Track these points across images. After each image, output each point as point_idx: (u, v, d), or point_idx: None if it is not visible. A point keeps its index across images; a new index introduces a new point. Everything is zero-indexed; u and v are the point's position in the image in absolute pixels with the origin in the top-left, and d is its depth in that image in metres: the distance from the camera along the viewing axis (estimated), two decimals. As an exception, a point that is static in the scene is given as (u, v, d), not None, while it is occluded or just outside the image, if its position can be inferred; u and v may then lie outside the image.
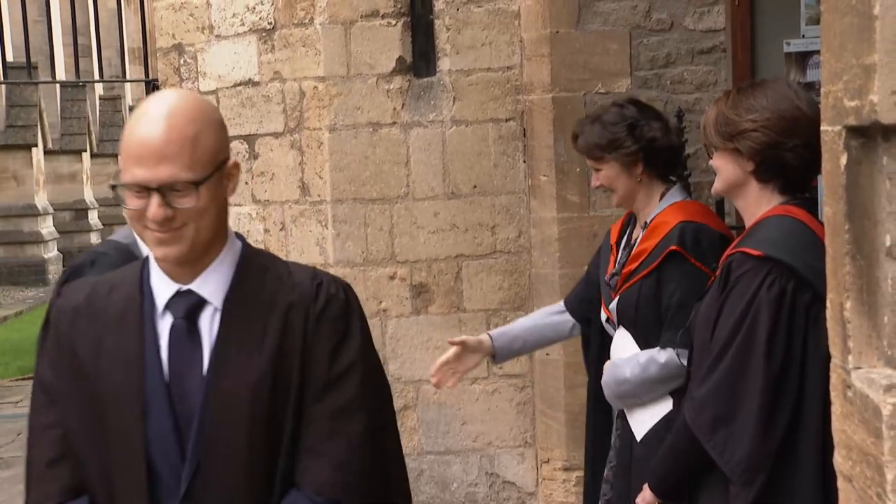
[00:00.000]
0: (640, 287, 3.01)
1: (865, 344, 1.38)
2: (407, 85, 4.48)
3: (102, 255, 2.52)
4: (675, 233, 2.97)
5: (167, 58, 5.01)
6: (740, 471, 2.24)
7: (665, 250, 2.96)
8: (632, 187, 3.10)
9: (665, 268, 2.97)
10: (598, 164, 3.12)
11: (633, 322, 3.05)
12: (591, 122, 3.14)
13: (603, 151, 3.08)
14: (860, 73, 1.31)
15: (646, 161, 3.07)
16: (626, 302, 3.05)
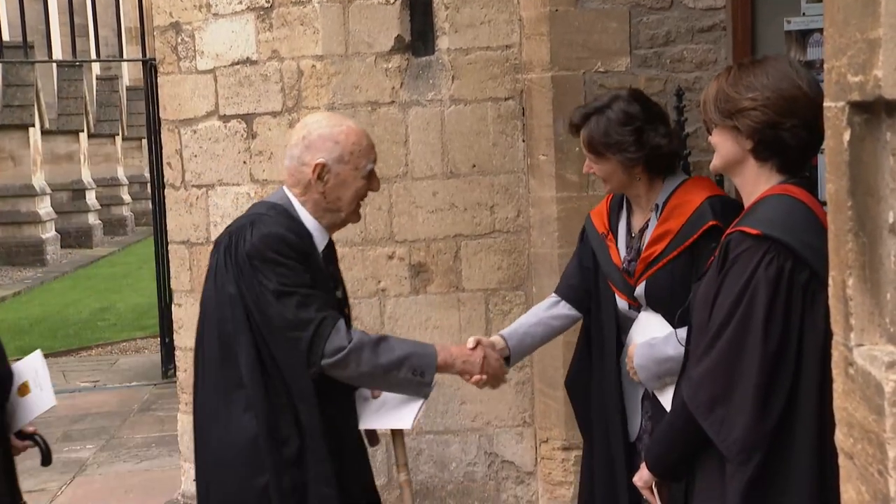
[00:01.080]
0: (673, 268, 3.00)
1: (868, 321, 1.38)
2: (405, 64, 4.46)
3: (262, 216, 2.88)
4: (707, 208, 2.95)
5: (164, 36, 4.99)
6: (737, 450, 2.24)
7: (700, 227, 2.95)
8: (627, 183, 3.09)
9: (701, 244, 2.95)
10: (595, 158, 3.09)
11: (666, 303, 3.02)
12: (595, 115, 3.06)
13: (605, 150, 3.05)
14: (864, 48, 1.30)
15: (646, 165, 3.05)
16: (658, 285, 3.02)
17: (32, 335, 11.75)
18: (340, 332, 2.78)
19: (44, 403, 3.09)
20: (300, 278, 2.78)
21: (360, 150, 2.91)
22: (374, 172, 2.94)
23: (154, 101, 6.77)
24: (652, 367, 3.02)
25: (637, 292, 3.09)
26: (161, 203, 6.66)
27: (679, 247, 2.99)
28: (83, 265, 19.48)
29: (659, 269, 3.03)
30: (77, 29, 8.10)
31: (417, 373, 2.86)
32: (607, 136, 3.02)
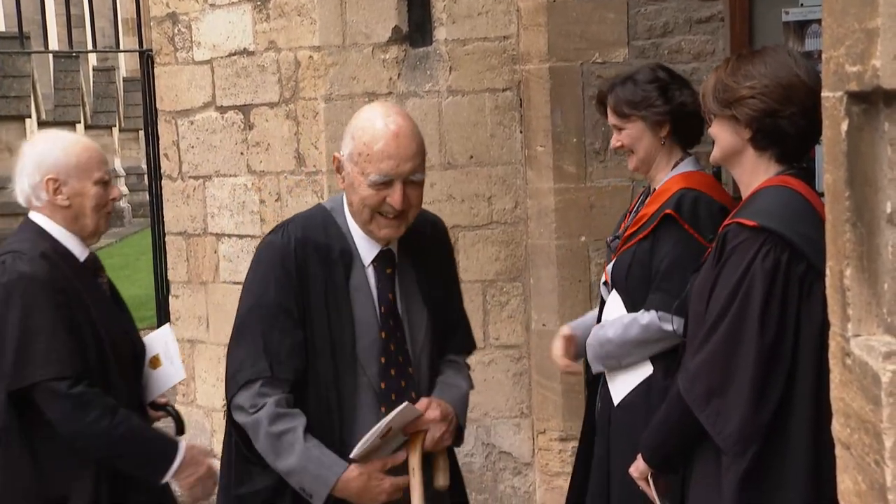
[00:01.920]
0: (635, 250, 3.03)
1: (865, 311, 1.38)
2: (403, 55, 4.45)
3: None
4: (674, 199, 2.97)
5: (161, 27, 4.97)
6: (732, 442, 2.24)
7: (661, 215, 2.97)
8: (653, 150, 3.09)
9: (659, 232, 2.97)
10: (623, 123, 3.10)
11: (623, 285, 3.06)
12: (622, 82, 3.13)
13: (632, 109, 3.06)
14: (862, 38, 1.29)
15: (673, 124, 3.07)
16: (621, 264, 3.07)
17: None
18: None
19: (174, 376, 3.05)
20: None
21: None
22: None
23: (151, 92, 6.75)
24: (595, 348, 3.10)
25: (607, 268, 3.14)
26: (158, 194, 6.64)
27: (643, 231, 3.03)
28: (80, 256, 19.42)
29: (626, 250, 3.07)
30: (73, 20, 8.08)
31: (306, 493, 2.51)
32: (634, 94, 3.07)
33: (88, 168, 2.86)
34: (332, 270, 2.52)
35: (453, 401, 2.63)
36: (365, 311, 2.54)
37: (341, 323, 2.51)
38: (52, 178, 2.83)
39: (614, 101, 3.11)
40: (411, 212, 2.51)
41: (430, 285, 2.64)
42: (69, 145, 2.89)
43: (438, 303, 2.65)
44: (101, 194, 2.87)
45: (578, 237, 4.32)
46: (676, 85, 3.11)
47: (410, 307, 2.60)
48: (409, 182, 2.46)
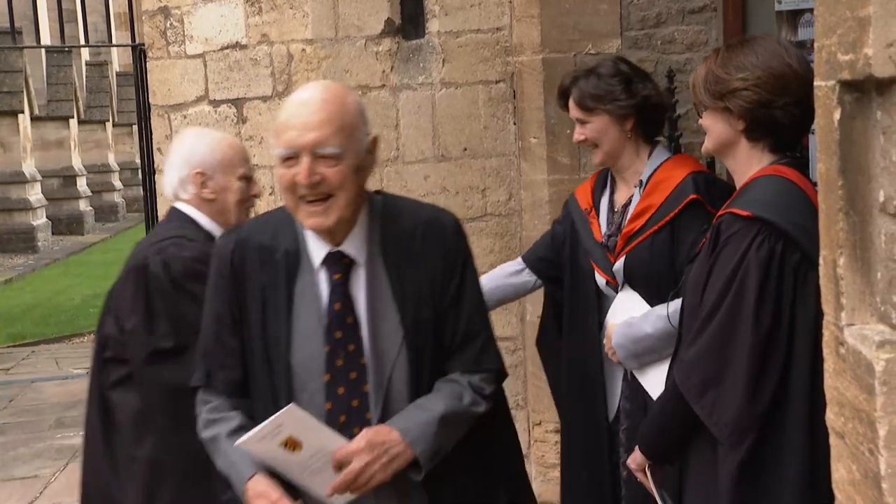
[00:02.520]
0: (652, 243, 3.00)
1: (858, 300, 1.38)
2: (396, 47, 4.44)
3: None
4: (689, 183, 2.96)
5: (153, 21, 4.96)
6: (728, 432, 2.24)
7: (681, 201, 2.95)
8: (619, 143, 3.08)
9: (683, 219, 2.95)
10: (587, 116, 3.09)
11: (644, 279, 3.02)
12: (584, 75, 3.13)
13: (596, 102, 3.06)
14: (854, 26, 1.29)
15: (637, 117, 3.06)
16: (637, 260, 3.02)
17: (24, 322, 11.72)
18: None
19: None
20: None
21: None
22: None
23: (144, 86, 6.74)
24: (629, 346, 3.02)
25: (616, 267, 3.09)
26: (152, 189, 6.63)
27: (660, 221, 2.99)
28: (75, 252, 19.43)
29: (639, 244, 3.03)
30: (65, 14, 8.05)
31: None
32: (597, 87, 3.06)
33: (233, 164, 3.01)
34: (273, 274, 2.27)
35: (409, 426, 2.21)
36: (308, 321, 2.26)
37: (277, 332, 2.25)
38: (199, 172, 2.98)
39: (578, 95, 3.10)
40: (339, 194, 2.18)
41: (411, 293, 2.27)
42: (216, 142, 3.05)
43: (425, 314, 2.27)
44: (243, 189, 3.02)
45: (573, 229, 4.32)
46: (639, 78, 3.12)
47: (379, 318, 2.26)
48: (319, 157, 2.15)
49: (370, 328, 2.25)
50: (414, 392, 2.26)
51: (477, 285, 2.38)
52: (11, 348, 10.08)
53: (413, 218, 2.32)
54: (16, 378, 8.54)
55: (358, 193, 2.23)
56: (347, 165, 2.17)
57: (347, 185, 2.18)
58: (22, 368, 9.01)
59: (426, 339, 2.28)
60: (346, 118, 2.18)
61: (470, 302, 2.34)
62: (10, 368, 9.02)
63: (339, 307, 2.26)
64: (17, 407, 7.49)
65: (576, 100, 3.11)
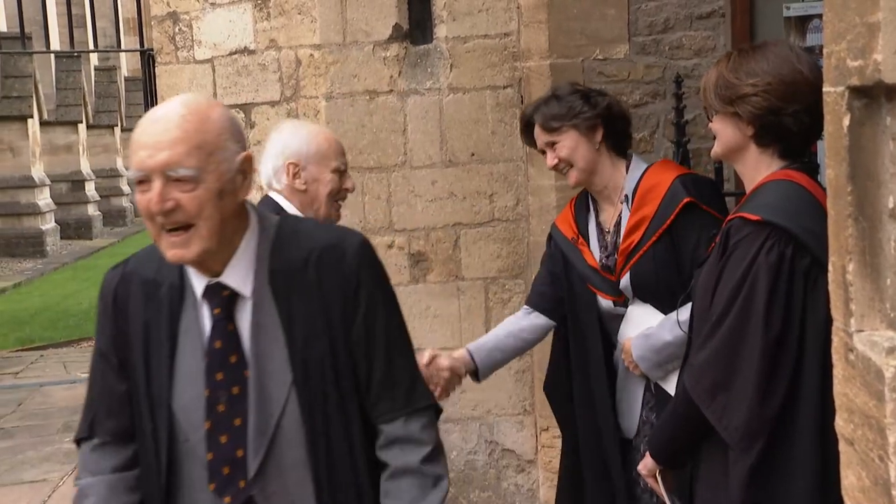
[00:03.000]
0: (654, 254, 2.98)
1: (868, 307, 1.38)
2: (404, 52, 4.45)
3: None
4: (679, 187, 2.96)
5: (162, 26, 4.97)
6: (738, 436, 2.24)
7: (676, 206, 2.94)
8: (592, 158, 3.07)
9: (680, 224, 2.94)
10: (555, 137, 3.09)
11: (653, 290, 3.01)
12: (544, 102, 3.16)
13: (562, 121, 3.06)
14: (864, 32, 1.29)
15: (605, 127, 3.06)
16: (642, 274, 3.00)
17: (33, 326, 11.75)
18: None
19: None
20: None
21: None
22: None
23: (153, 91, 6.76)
24: (652, 356, 3.00)
25: (622, 285, 3.06)
26: (160, 193, 6.65)
27: (657, 231, 2.97)
28: (83, 256, 19.47)
29: (641, 258, 3.01)
30: (75, 20, 8.09)
31: None
32: (559, 107, 3.09)
33: (327, 156, 3.05)
34: (157, 310, 2.05)
35: None
36: (191, 361, 2.02)
37: (160, 374, 2.03)
38: (292, 163, 3.02)
39: (542, 119, 3.11)
40: (199, 223, 1.91)
41: (302, 329, 2.00)
42: (311, 134, 3.10)
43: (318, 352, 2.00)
44: (335, 182, 3.05)
45: (580, 234, 4.32)
46: (595, 93, 3.16)
47: (266, 356, 2.01)
48: (173, 180, 1.89)
49: (255, 368, 1.99)
50: (310, 440, 1.99)
51: (395, 317, 2.10)
52: (20, 352, 10.10)
53: (309, 243, 2.03)
54: (24, 382, 8.55)
55: (226, 220, 1.94)
56: (207, 189, 1.90)
57: (208, 213, 1.90)
58: (30, 372, 9.02)
59: (322, 380, 2.00)
60: (207, 135, 1.91)
61: (386, 336, 2.06)
62: (19, 372, 9.04)
63: (220, 345, 2.00)
64: (25, 411, 7.51)
65: (541, 124, 3.11)
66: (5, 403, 7.70)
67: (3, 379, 8.74)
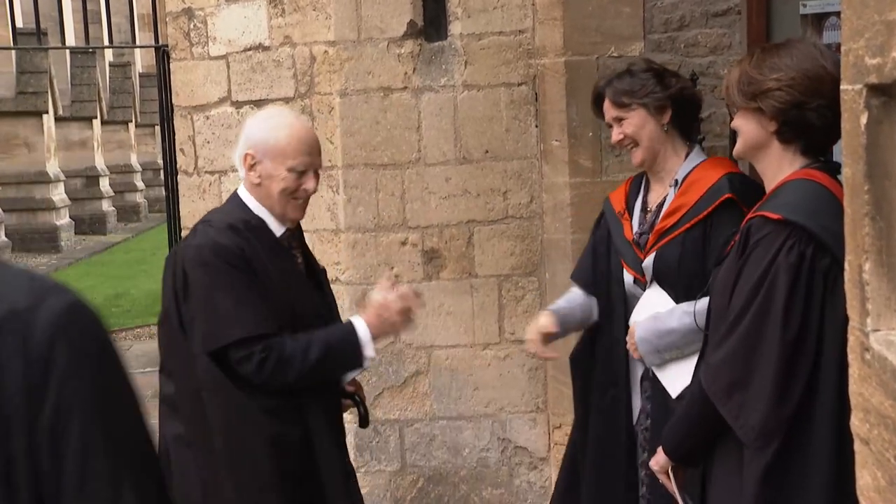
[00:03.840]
0: (684, 241, 2.99)
1: (884, 306, 1.37)
2: (418, 49, 4.44)
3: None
4: (725, 182, 2.97)
5: (176, 22, 4.98)
6: (755, 436, 2.23)
7: (716, 200, 2.94)
8: (657, 138, 3.08)
9: (716, 218, 2.95)
10: (624, 113, 3.09)
11: (674, 277, 3.01)
12: (618, 76, 3.16)
13: (632, 98, 3.07)
14: (882, 30, 1.28)
15: (674, 110, 3.06)
16: (667, 257, 3.02)
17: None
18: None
19: None
20: None
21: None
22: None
23: (167, 87, 6.77)
24: (653, 340, 3.01)
25: (645, 264, 3.08)
26: (174, 189, 6.66)
27: (693, 219, 2.98)
28: (97, 252, 19.54)
29: (670, 241, 3.02)
30: (90, 16, 8.10)
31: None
32: (631, 84, 3.08)
33: (284, 154, 2.87)
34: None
35: None
36: None
37: None
38: (249, 154, 2.90)
39: (612, 93, 3.11)
40: None
41: None
42: (276, 127, 2.91)
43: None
44: (290, 181, 2.88)
45: (594, 232, 4.31)
46: (670, 73, 3.16)
47: None
48: None
49: None
50: None
51: (104, 413, 1.40)
52: (34, 347, 10.14)
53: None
54: (38, 377, 8.57)
55: None
56: None
57: None
58: (44, 367, 9.05)
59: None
60: None
61: (83, 440, 1.37)
62: (33, 367, 9.07)
63: None
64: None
65: (611, 98, 3.11)
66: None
67: (18, 373, 8.77)
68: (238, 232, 2.85)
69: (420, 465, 4.61)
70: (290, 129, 2.91)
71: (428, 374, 4.57)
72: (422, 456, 4.60)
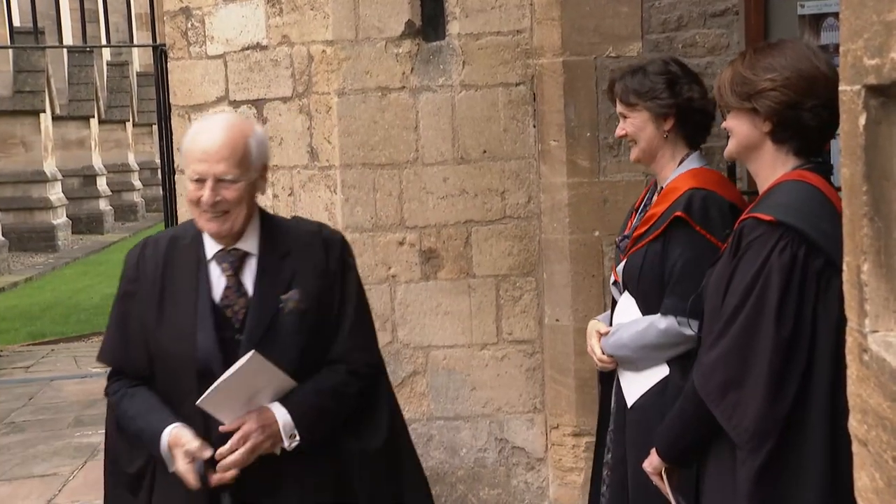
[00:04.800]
0: (647, 251, 3.00)
1: (882, 307, 1.37)
2: (416, 49, 4.44)
3: None
4: (683, 199, 2.94)
5: (174, 21, 4.98)
6: (748, 436, 2.23)
7: (671, 216, 2.94)
8: (655, 142, 3.07)
9: (670, 234, 2.95)
10: (628, 111, 3.09)
11: (636, 286, 3.03)
12: (632, 72, 3.14)
13: (638, 98, 3.06)
14: (881, 31, 1.28)
15: (677, 118, 3.05)
16: (632, 265, 3.04)
17: (44, 321, 11.79)
18: None
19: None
20: None
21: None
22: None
23: (164, 86, 6.76)
24: (611, 350, 3.09)
25: (619, 268, 3.11)
26: (172, 189, 6.65)
27: (654, 232, 2.99)
28: (94, 251, 19.54)
29: (637, 251, 3.04)
30: (87, 14, 8.10)
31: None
32: (641, 84, 3.07)
33: (186, 160, 2.64)
34: None
35: None
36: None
37: None
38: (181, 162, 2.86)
39: (621, 90, 3.11)
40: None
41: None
42: (192, 132, 2.66)
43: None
44: (191, 191, 2.60)
45: (592, 232, 4.31)
46: (686, 80, 3.09)
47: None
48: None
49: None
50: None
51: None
52: (31, 346, 10.14)
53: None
54: (35, 376, 8.58)
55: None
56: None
57: None
58: (41, 367, 9.05)
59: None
60: None
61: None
62: (30, 367, 9.08)
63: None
64: (36, 405, 7.53)
65: (619, 94, 3.12)
66: (17, 398, 7.73)
67: (15, 373, 8.77)
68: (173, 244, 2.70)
69: (417, 465, 4.60)
70: (196, 135, 2.63)
71: (425, 374, 4.56)
72: (419, 456, 4.60)
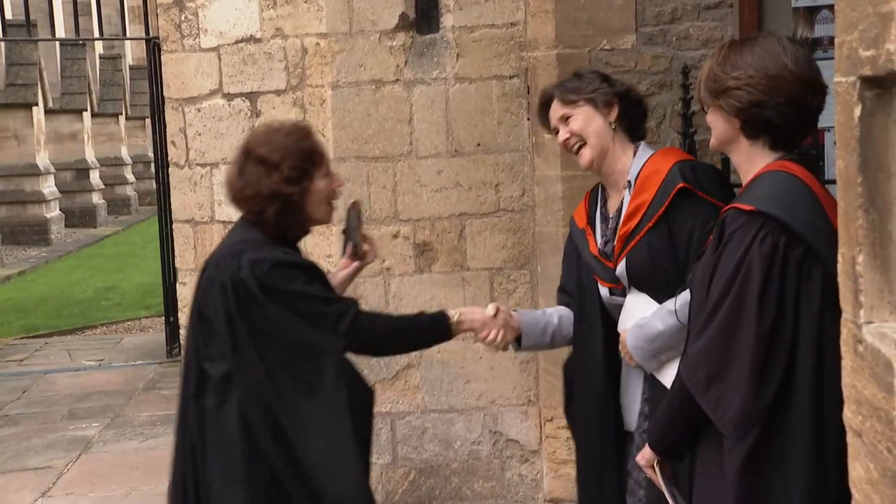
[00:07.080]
0: (650, 240, 2.97)
1: (877, 298, 1.37)
2: (410, 42, 4.43)
3: None
4: (676, 173, 2.94)
5: (168, 14, 4.96)
6: (733, 426, 2.24)
7: (671, 192, 2.93)
8: (605, 136, 3.05)
9: (675, 210, 2.93)
10: (570, 109, 3.08)
11: (648, 278, 3.00)
12: (566, 80, 3.19)
13: (579, 94, 3.07)
14: (876, 22, 1.28)
15: (622, 106, 3.06)
16: (637, 259, 2.99)
17: (37, 314, 11.77)
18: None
19: None
20: None
21: None
22: None
23: (158, 79, 6.76)
24: (645, 346, 2.98)
25: (618, 272, 3.05)
26: (165, 182, 6.65)
27: (653, 217, 2.95)
28: (87, 244, 19.50)
29: (637, 244, 2.99)
30: (80, 7, 8.08)
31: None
32: (578, 83, 3.10)
33: None
34: None
35: None
36: None
37: None
38: None
39: (560, 93, 3.12)
40: None
41: None
42: None
43: None
44: None
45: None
46: (615, 78, 3.19)
47: None
48: None
49: None
50: None
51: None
52: (25, 340, 10.12)
53: None
54: (29, 369, 8.56)
55: None
56: None
57: None
58: (35, 360, 9.04)
59: None
60: None
61: None
62: (24, 360, 9.06)
63: None
64: (30, 398, 7.52)
65: (559, 97, 3.12)
66: (10, 391, 7.71)
67: (8, 366, 8.76)
68: None
69: (411, 457, 4.61)
70: None
71: (419, 366, 4.57)
72: (413, 449, 4.61)
